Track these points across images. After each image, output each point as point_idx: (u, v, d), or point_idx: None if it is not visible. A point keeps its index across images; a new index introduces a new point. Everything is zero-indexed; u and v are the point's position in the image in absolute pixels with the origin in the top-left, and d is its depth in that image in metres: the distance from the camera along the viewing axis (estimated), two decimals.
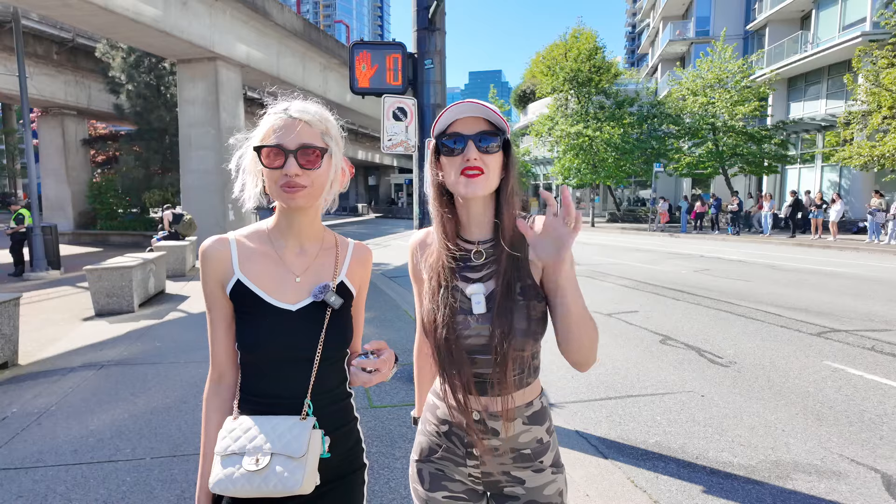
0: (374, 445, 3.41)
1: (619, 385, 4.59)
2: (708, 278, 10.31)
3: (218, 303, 1.18)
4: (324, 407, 1.17)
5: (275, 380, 1.15)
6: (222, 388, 1.22)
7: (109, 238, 19.67)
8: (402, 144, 4.26)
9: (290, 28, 17.83)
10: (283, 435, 1.07)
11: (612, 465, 3.22)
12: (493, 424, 1.17)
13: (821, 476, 3.10)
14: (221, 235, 1.21)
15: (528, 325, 1.14)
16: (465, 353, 1.16)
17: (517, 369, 1.17)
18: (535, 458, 1.20)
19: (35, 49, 17.94)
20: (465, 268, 1.20)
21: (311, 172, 1.12)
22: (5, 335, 5.11)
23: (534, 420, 1.20)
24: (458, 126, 1.15)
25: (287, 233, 1.21)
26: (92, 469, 3.12)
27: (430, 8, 4.07)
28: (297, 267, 1.20)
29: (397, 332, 6.26)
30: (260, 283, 1.16)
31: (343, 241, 1.30)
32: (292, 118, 1.12)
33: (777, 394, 4.35)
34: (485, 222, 1.21)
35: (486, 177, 1.13)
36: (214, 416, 1.20)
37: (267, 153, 1.11)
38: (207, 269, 1.18)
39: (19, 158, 37.07)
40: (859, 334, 6.07)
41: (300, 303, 1.17)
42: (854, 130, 17.58)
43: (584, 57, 25.48)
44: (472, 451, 1.20)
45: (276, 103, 1.17)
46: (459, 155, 1.14)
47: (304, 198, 1.13)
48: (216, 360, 1.21)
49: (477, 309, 1.15)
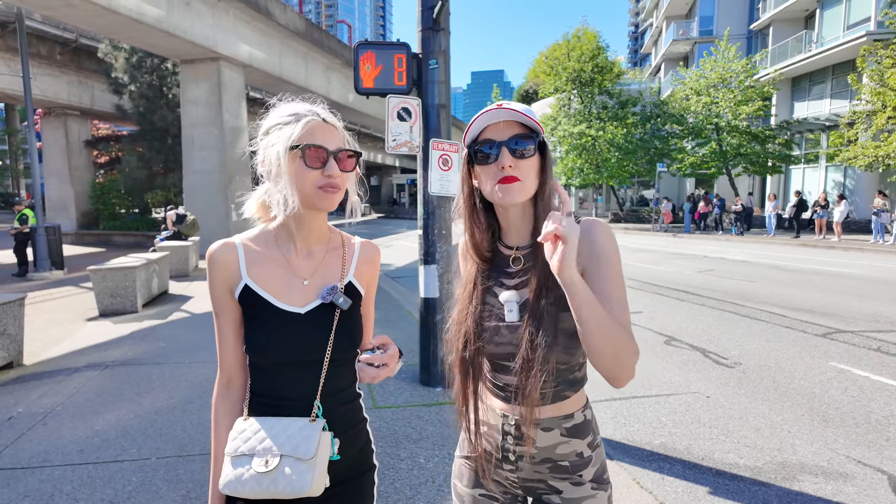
0: (379, 446, 3.40)
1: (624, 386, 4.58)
2: (712, 279, 10.28)
3: (226, 307, 1.17)
4: (333, 408, 1.17)
5: (284, 382, 1.15)
6: (231, 391, 1.21)
7: (112, 238, 19.71)
8: (406, 145, 4.25)
9: (292, 28, 17.84)
10: (292, 437, 1.07)
11: (618, 466, 3.21)
12: (529, 432, 1.15)
13: (827, 478, 3.08)
14: (228, 240, 1.19)
15: (556, 336, 1.09)
16: (491, 361, 1.16)
17: (553, 381, 1.13)
18: (573, 472, 1.16)
19: (38, 49, 17.99)
20: (502, 274, 1.19)
21: (346, 175, 1.14)
22: (10, 335, 5.12)
23: (573, 433, 1.16)
24: (490, 132, 1.12)
25: (295, 236, 1.19)
26: (98, 469, 3.13)
27: (434, 8, 4.06)
28: (304, 270, 1.19)
29: (401, 332, 6.26)
30: (268, 287, 1.15)
31: (349, 241, 1.29)
32: (325, 122, 1.13)
33: (783, 395, 4.33)
34: (523, 228, 1.18)
35: (522, 183, 1.10)
36: (225, 419, 1.20)
37: (312, 152, 1.09)
38: (215, 275, 1.17)
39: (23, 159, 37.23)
40: (865, 335, 6.04)
41: (308, 305, 1.16)
42: (858, 130, 17.51)
43: (586, 57, 25.46)
44: (507, 455, 1.18)
45: (285, 104, 1.16)
46: (494, 163, 1.10)
47: (338, 199, 1.14)
48: (224, 364, 1.20)
49: (509, 317, 1.13)
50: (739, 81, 23.10)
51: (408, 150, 4.25)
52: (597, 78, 25.76)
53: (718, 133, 23.44)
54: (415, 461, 3.21)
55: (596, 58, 25.63)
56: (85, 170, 21.69)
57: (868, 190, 20.07)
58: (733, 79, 23.29)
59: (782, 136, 23.19)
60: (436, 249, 4.32)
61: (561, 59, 26.26)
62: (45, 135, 20.98)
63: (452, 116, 13.15)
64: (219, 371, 1.22)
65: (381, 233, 25.61)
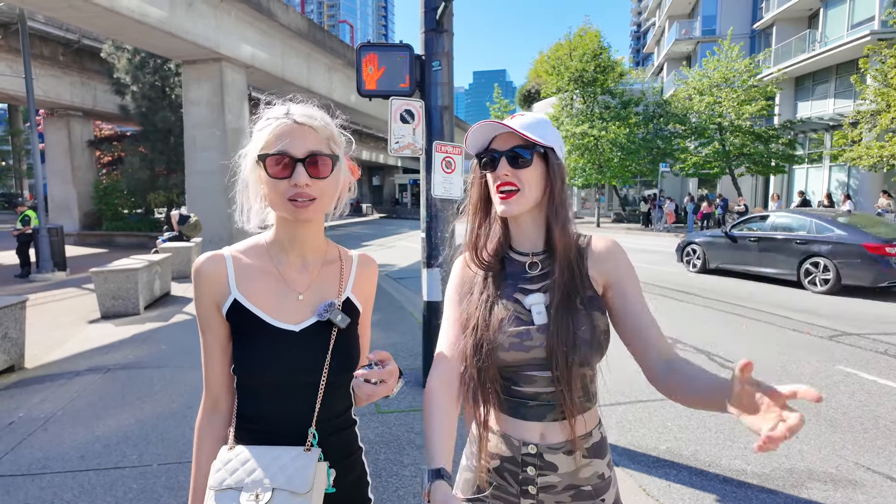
0: (382, 452, 3.37)
1: (627, 390, 4.54)
2: (715, 280, 10.23)
3: (213, 324, 1.09)
4: (328, 436, 1.08)
5: (276, 406, 1.06)
6: (217, 416, 1.12)
7: (115, 239, 19.71)
8: (409, 147, 4.22)
9: (294, 29, 17.83)
10: (285, 467, 0.98)
11: (624, 473, 3.18)
12: (551, 458, 1.09)
13: (836, 485, 3.04)
14: (216, 252, 1.11)
15: (593, 336, 1.07)
16: (513, 374, 1.12)
17: (579, 391, 1.10)
18: (595, 496, 1.10)
19: (41, 50, 18.00)
20: (521, 279, 1.17)
21: (320, 182, 1.03)
22: (12, 339, 5.11)
23: (594, 453, 1.12)
24: (496, 142, 1.16)
25: (288, 247, 1.11)
26: (98, 476, 3.10)
27: (437, 9, 4.03)
28: (299, 284, 1.11)
29: (403, 335, 6.23)
30: (259, 302, 1.07)
31: (346, 254, 1.21)
32: (298, 123, 1.02)
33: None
34: (536, 234, 1.19)
35: (521, 194, 1.12)
36: (208, 446, 1.10)
37: (273, 162, 1.01)
38: (201, 289, 1.08)
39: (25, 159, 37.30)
40: (871, 338, 5.99)
41: (303, 323, 1.08)
42: (862, 131, 17.42)
43: (589, 56, 25.38)
44: (527, 489, 1.11)
45: (272, 107, 1.08)
46: (494, 172, 1.14)
47: (314, 210, 1.04)
48: (210, 386, 1.11)
49: (538, 319, 1.10)
50: (742, 81, 22.99)
51: (411, 153, 4.22)
52: (599, 78, 25.67)
53: (721, 133, 23.34)
54: (418, 467, 3.18)
55: (598, 57, 25.55)
56: (87, 170, 21.70)
57: (872, 190, 19.95)
58: (736, 78, 23.18)
59: (785, 135, 23.07)
60: (439, 252, 4.29)
61: (563, 59, 26.18)
62: (48, 135, 21.00)
63: (455, 117, 13.17)
64: (204, 393, 1.12)
65: (384, 233, 25.57)
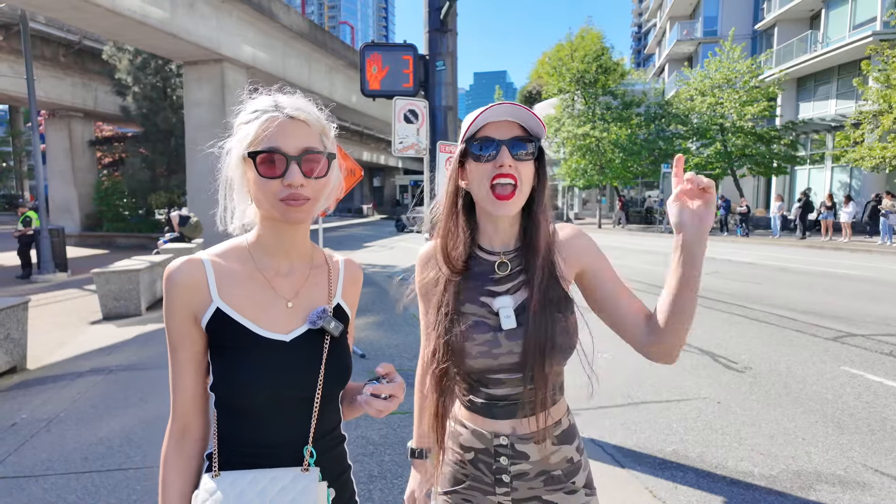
0: (387, 453, 3.35)
1: (633, 392, 4.52)
2: (719, 281, 10.20)
3: (187, 340, 0.96)
4: (323, 454, 1.00)
5: (267, 426, 0.96)
6: (187, 442, 0.99)
7: (115, 240, 19.73)
8: (413, 147, 4.21)
9: (295, 29, 17.85)
10: (285, 491, 0.89)
11: (630, 475, 3.16)
12: (523, 448, 1.11)
13: (845, 487, 3.02)
14: (191, 257, 0.98)
15: (567, 339, 1.07)
16: (479, 377, 1.11)
17: (551, 388, 1.11)
18: (566, 480, 1.13)
19: (42, 51, 18.03)
20: (487, 281, 1.12)
21: (315, 182, 0.95)
22: (14, 340, 5.09)
23: (563, 439, 1.14)
24: (489, 130, 1.06)
25: (274, 250, 1.02)
26: (102, 477, 3.08)
27: (442, 9, 4.01)
28: (286, 290, 1.01)
29: (406, 337, 6.21)
30: (245, 310, 0.96)
31: (332, 258, 1.14)
32: (290, 118, 0.94)
33: (795, 400, 4.26)
34: (510, 233, 1.14)
35: (519, 190, 1.06)
36: (177, 479, 0.97)
37: (263, 160, 0.92)
38: (175, 299, 0.95)
39: (26, 160, 37.34)
40: (877, 339, 5.97)
41: (294, 332, 0.99)
42: (864, 131, 17.40)
43: (590, 57, 25.40)
44: (501, 477, 1.13)
45: (255, 98, 0.99)
46: (490, 162, 1.04)
47: (307, 211, 0.96)
48: (180, 409, 0.98)
49: (507, 324, 1.07)
50: (744, 82, 23.00)
51: (415, 153, 4.21)
52: (600, 78, 25.70)
53: (723, 134, 23.35)
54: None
55: (600, 58, 25.57)
56: (88, 171, 21.74)
57: (874, 191, 19.92)
58: (738, 79, 23.20)
59: (787, 136, 23.07)
60: None
61: (564, 60, 26.21)
62: (49, 136, 21.03)
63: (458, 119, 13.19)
64: (171, 418, 1.00)
65: (384, 234, 25.57)
